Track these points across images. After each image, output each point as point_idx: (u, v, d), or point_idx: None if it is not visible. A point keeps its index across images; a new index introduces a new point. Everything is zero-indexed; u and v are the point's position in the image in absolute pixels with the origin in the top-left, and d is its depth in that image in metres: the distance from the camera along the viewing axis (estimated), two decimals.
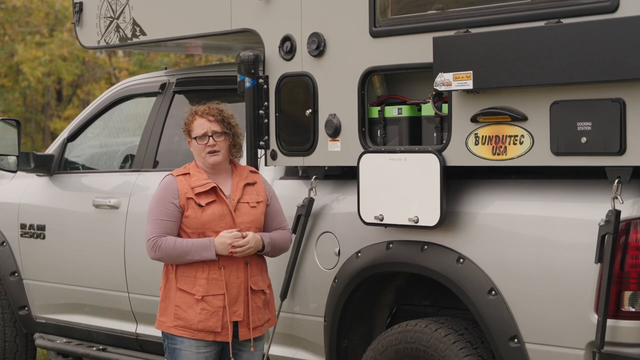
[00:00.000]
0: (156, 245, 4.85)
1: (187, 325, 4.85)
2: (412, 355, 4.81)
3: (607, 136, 4.13)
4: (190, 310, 4.85)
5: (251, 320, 4.92)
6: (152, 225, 4.90)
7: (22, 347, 7.39)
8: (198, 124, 4.96)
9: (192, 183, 4.92)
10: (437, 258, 4.76)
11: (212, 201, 4.90)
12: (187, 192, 4.89)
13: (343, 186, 5.30)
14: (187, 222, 4.89)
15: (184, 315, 4.86)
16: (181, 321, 4.86)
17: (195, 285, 4.86)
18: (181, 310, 4.86)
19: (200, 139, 4.94)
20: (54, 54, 23.07)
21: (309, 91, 5.20)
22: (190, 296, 4.86)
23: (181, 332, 4.86)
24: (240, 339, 4.92)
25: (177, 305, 4.87)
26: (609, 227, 4.16)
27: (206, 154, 4.94)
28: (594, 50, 4.08)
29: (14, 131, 7.04)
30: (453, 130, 4.63)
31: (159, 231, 4.87)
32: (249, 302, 4.92)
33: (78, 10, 6.43)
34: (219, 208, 4.90)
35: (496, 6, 4.50)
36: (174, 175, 4.96)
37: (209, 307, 4.84)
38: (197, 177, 4.94)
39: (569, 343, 4.35)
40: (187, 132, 5.03)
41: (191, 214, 4.88)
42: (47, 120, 25.86)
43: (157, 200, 4.93)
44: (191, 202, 4.88)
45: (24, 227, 7.11)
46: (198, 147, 4.97)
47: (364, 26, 4.95)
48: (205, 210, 4.88)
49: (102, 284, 6.59)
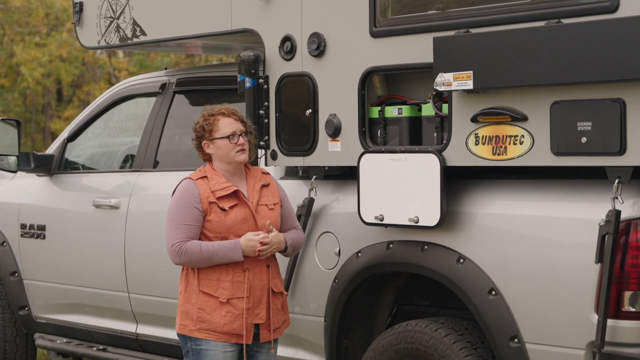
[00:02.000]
0: (181, 250, 4.78)
1: (212, 328, 4.80)
2: (412, 355, 4.81)
3: (607, 136, 4.13)
4: (215, 313, 4.80)
5: (272, 322, 4.90)
6: (175, 230, 4.82)
7: (22, 347, 7.39)
8: (225, 123, 4.89)
9: (212, 187, 4.85)
10: (437, 258, 4.76)
11: (234, 205, 4.84)
12: (208, 196, 4.82)
13: (343, 186, 5.30)
14: (210, 227, 4.82)
15: (208, 318, 4.81)
16: (205, 324, 4.81)
17: (219, 288, 4.81)
18: (205, 313, 4.81)
19: (231, 137, 4.86)
20: (53, 54, 23.07)
21: (309, 91, 5.20)
22: (214, 299, 4.81)
23: (205, 334, 4.81)
24: (262, 340, 4.90)
25: (200, 308, 4.81)
26: (609, 227, 4.16)
27: (235, 152, 4.86)
28: (594, 50, 4.08)
29: (14, 131, 7.05)
30: (453, 130, 4.64)
31: (182, 236, 4.79)
32: (270, 304, 4.90)
33: (78, 10, 6.43)
34: (241, 211, 4.85)
35: (496, 6, 4.50)
36: (193, 179, 4.89)
37: (234, 309, 4.80)
38: (216, 180, 4.88)
39: (569, 343, 4.35)
40: (207, 133, 4.90)
41: (214, 218, 4.81)
42: (47, 120, 25.86)
43: (179, 205, 4.84)
44: (214, 206, 4.82)
45: (24, 227, 7.11)
46: (227, 147, 4.87)
47: (364, 26, 4.95)
48: (228, 214, 4.82)
49: (102, 284, 6.59)
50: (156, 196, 6.31)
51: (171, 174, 6.28)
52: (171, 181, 6.19)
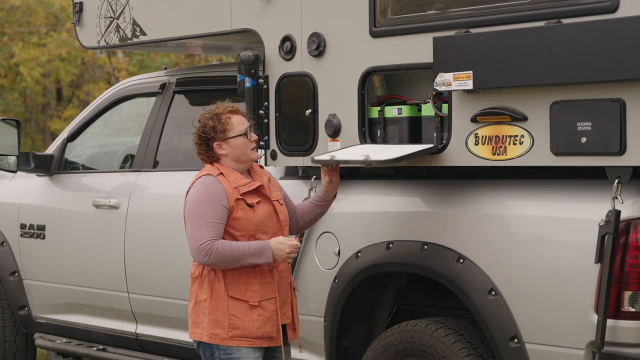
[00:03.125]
0: (211, 250, 4.51)
1: (246, 334, 4.60)
2: (412, 355, 4.81)
3: (607, 136, 4.13)
4: (247, 317, 4.60)
5: (295, 320, 4.79)
6: (203, 228, 4.54)
7: (22, 347, 7.39)
8: (238, 120, 4.72)
9: (232, 183, 4.64)
10: (437, 258, 4.76)
11: (259, 201, 4.68)
12: (233, 192, 4.62)
13: (343, 186, 5.29)
14: (237, 225, 4.61)
15: (241, 324, 4.60)
16: (238, 330, 4.60)
17: (248, 292, 4.61)
18: (237, 319, 4.60)
19: (248, 134, 4.72)
20: (52, 54, 23.07)
21: (309, 91, 5.20)
22: (244, 303, 4.61)
23: (238, 342, 4.60)
24: (290, 340, 4.78)
25: (232, 314, 4.59)
26: (609, 227, 4.16)
27: (251, 150, 4.72)
28: (594, 50, 4.08)
29: (14, 131, 7.05)
30: (453, 130, 4.63)
31: (212, 234, 4.54)
32: (293, 302, 4.78)
33: (78, 10, 6.43)
34: (266, 208, 4.69)
35: (496, 6, 4.50)
36: (214, 175, 4.65)
37: (265, 312, 4.63)
38: (234, 176, 4.67)
39: (569, 343, 4.36)
40: (220, 133, 4.69)
41: (242, 215, 4.61)
42: (47, 120, 25.86)
43: (204, 201, 4.58)
44: (241, 203, 4.62)
45: (24, 227, 7.11)
46: (244, 144, 4.71)
47: (364, 26, 4.95)
48: (256, 211, 4.64)
49: (102, 284, 6.59)
50: (156, 196, 6.31)
51: (171, 174, 6.29)
52: (171, 181, 6.23)
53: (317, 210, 5.01)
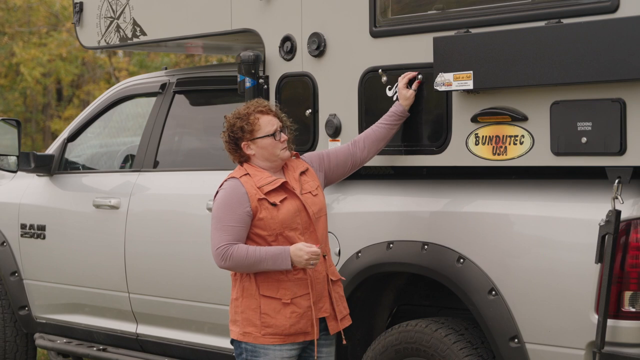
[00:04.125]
0: (227, 254, 4.50)
1: (278, 331, 4.57)
2: (413, 355, 4.81)
3: (607, 136, 4.13)
4: (279, 315, 4.57)
5: (337, 312, 4.69)
6: (220, 232, 4.53)
7: (23, 347, 7.39)
8: (267, 121, 4.64)
9: (257, 182, 4.59)
10: (437, 258, 4.76)
11: (284, 198, 4.60)
12: (256, 192, 4.56)
13: (343, 186, 5.29)
14: (263, 225, 4.56)
15: (274, 322, 4.57)
16: (271, 328, 4.57)
17: (280, 289, 4.57)
18: (269, 317, 4.57)
19: (277, 134, 4.63)
20: (53, 54, 23.07)
21: (309, 91, 5.20)
22: (276, 301, 4.57)
23: (271, 339, 4.57)
24: (331, 332, 4.69)
25: (264, 312, 4.56)
26: (609, 227, 4.15)
27: (280, 150, 4.63)
28: (594, 50, 4.08)
29: (14, 131, 7.05)
30: (453, 130, 4.64)
31: (229, 238, 4.52)
32: (332, 294, 4.68)
33: (78, 10, 6.43)
34: (292, 204, 4.60)
35: (496, 6, 4.50)
36: (237, 177, 4.62)
37: (298, 309, 4.58)
38: (260, 175, 4.62)
39: (569, 343, 4.35)
40: (248, 133, 4.63)
41: (266, 215, 4.56)
42: (47, 120, 25.86)
43: (224, 205, 4.56)
44: (264, 203, 4.56)
45: (24, 227, 7.11)
46: (272, 144, 4.63)
47: (364, 26, 4.95)
48: (280, 209, 4.57)
49: (103, 284, 6.59)
50: (156, 196, 6.31)
51: (171, 174, 6.29)
52: (171, 181, 6.23)
53: (393, 131, 4.88)
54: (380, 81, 4.90)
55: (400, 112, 4.84)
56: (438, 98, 4.68)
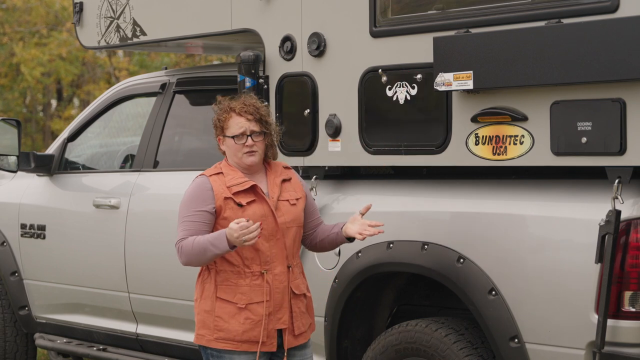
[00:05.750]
0: (180, 249, 4.45)
1: (230, 337, 4.48)
2: (413, 355, 4.81)
3: (607, 136, 4.13)
4: (233, 320, 4.48)
5: (295, 327, 4.58)
6: (179, 228, 4.50)
7: (23, 347, 7.39)
8: (235, 122, 4.55)
9: (227, 182, 4.52)
10: (437, 258, 4.76)
11: (252, 200, 4.51)
12: (223, 191, 4.50)
13: (343, 186, 5.30)
14: (226, 224, 4.42)
15: (226, 327, 4.48)
16: (223, 333, 4.49)
17: (237, 294, 4.49)
18: (222, 321, 4.49)
19: (238, 138, 4.54)
20: (53, 53, 23.07)
21: (310, 91, 5.20)
22: (232, 305, 4.49)
23: (223, 344, 4.49)
24: (286, 347, 4.56)
25: (217, 316, 4.50)
26: (609, 227, 4.16)
27: (243, 154, 4.55)
28: (594, 50, 4.08)
29: (14, 131, 7.05)
30: (453, 130, 4.64)
31: (184, 234, 4.47)
32: (292, 307, 4.58)
33: (78, 10, 6.43)
34: (259, 208, 4.51)
35: (496, 6, 4.50)
36: (207, 175, 4.57)
37: (252, 315, 4.48)
38: (232, 175, 4.55)
39: (569, 343, 4.36)
40: (219, 129, 4.60)
41: (230, 214, 4.47)
42: (48, 120, 25.87)
43: (187, 201, 4.52)
44: (229, 202, 4.49)
45: (24, 227, 7.11)
46: (234, 147, 4.55)
47: (364, 26, 4.95)
48: (245, 210, 4.48)
49: (103, 284, 6.59)
50: (156, 196, 6.31)
51: (171, 174, 6.29)
52: (171, 181, 6.23)
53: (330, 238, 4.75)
54: (380, 81, 4.90)
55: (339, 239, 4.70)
56: (438, 98, 4.68)
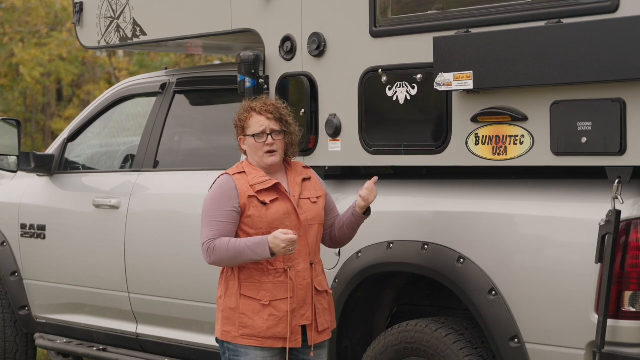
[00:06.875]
0: (210, 249, 4.50)
1: (255, 333, 4.52)
2: (413, 355, 4.81)
3: (608, 136, 4.13)
4: (257, 317, 4.53)
5: (319, 323, 4.62)
6: (207, 227, 4.55)
7: (23, 347, 7.39)
8: (256, 121, 4.62)
9: (250, 181, 4.58)
10: (437, 258, 4.76)
11: (275, 199, 4.57)
12: (247, 190, 4.55)
13: (343, 186, 5.30)
14: (251, 223, 4.54)
15: (251, 323, 4.53)
16: (248, 329, 4.53)
17: (261, 291, 4.53)
18: (247, 317, 4.53)
19: (259, 136, 4.60)
20: (53, 54, 23.07)
21: (309, 91, 5.20)
22: (256, 302, 4.53)
23: (248, 341, 4.53)
24: (310, 343, 4.60)
25: (242, 313, 4.54)
26: (610, 227, 4.16)
27: (264, 153, 4.61)
28: (594, 50, 4.08)
29: (14, 131, 7.05)
30: (453, 130, 4.64)
31: (214, 233, 4.52)
32: (315, 304, 4.62)
33: (78, 10, 6.43)
34: (283, 206, 4.57)
35: (496, 6, 4.50)
36: (230, 174, 4.62)
37: (276, 312, 4.52)
38: (255, 174, 4.60)
39: (569, 343, 4.36)
40: (240, 129, 4.67)
41: (255, 213, 4.54)
42: (48, 120, 25.86)
43: (213, 201, 4.58)
44: (253, 201, 4.54)
45: (25, 227, 7.11)
46: (255, 146, 4.61)
47: (364, 26, 4.95)
48: (269, 208, 4.54)
49: (103, 284, 6.59)
50: (156, 196, 6.31)
51: (171, 174, 6.29)
52: (171, 181, 6.23)
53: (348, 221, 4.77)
54: (380, 81, 4.90)
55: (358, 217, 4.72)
56: (438, 98, 4.68)
